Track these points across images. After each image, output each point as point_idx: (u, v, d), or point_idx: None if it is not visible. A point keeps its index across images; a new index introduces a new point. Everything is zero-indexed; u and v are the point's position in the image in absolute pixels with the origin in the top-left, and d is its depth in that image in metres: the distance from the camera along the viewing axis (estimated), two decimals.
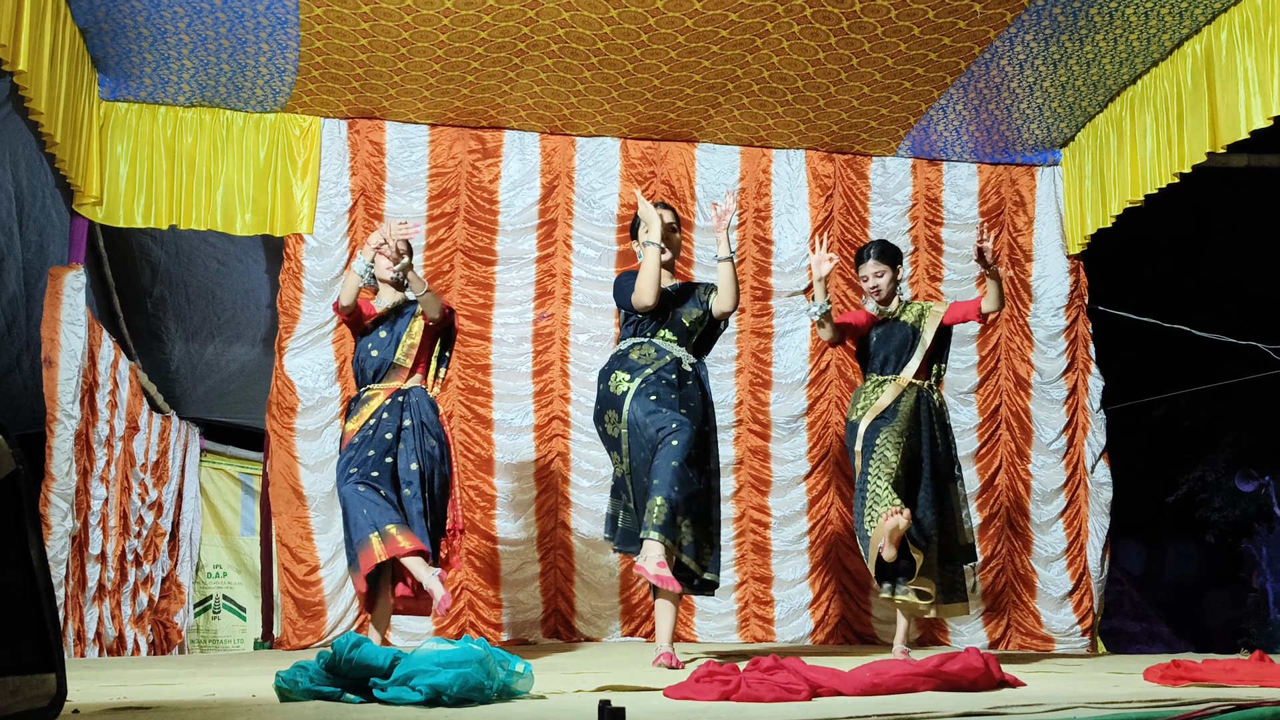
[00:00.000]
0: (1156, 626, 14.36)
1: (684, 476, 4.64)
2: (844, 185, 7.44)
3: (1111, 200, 6.90)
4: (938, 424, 5.34)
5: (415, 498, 5.00)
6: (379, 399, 5.15)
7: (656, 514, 4.59)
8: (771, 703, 3.21)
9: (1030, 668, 4.87)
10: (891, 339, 5.41)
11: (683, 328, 5.02)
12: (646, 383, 4.83)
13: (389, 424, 5.10)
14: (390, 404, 5.14)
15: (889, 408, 5.25)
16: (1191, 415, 12.60)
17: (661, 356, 4.92)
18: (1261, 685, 3.55)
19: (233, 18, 5.93)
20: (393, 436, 5.08)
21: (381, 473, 5.01)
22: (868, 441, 5.20)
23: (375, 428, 5.09)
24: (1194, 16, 5.88)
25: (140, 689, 3.88)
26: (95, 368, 6.40)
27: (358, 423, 5.13)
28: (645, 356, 4.92)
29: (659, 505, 4.59)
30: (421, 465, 5.06)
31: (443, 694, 3.09)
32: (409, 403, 5.15)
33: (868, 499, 5.07)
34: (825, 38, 6.12)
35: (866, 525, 5.05)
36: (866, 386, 5.42)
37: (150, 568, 7.70)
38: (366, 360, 5.23)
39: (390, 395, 5.16)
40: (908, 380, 5.31)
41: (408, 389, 5.19)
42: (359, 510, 4.91)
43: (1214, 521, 13.96)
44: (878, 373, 5.40)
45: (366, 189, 7.00)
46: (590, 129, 7.17)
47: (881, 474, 5.05)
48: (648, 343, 4.96)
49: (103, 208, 6.62)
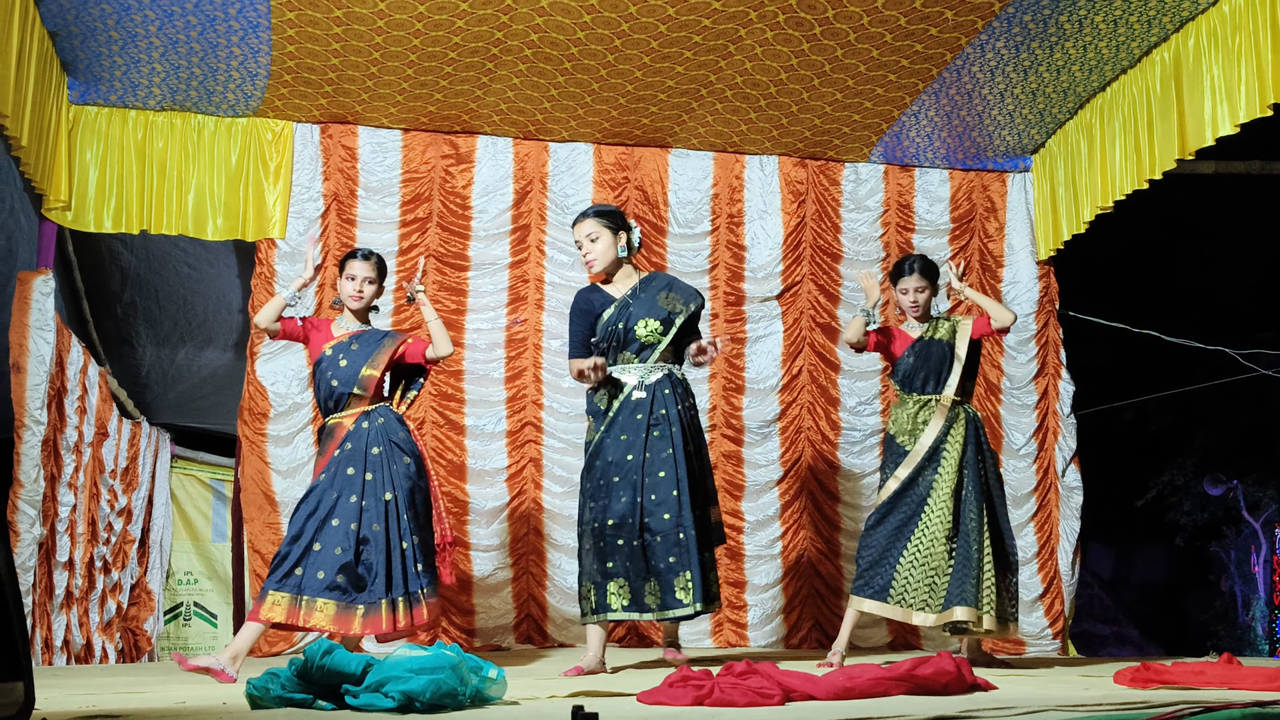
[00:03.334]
0: (1126, 629, 14.46)
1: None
2: (816, 191, 7.46)
3: (1082, 206, 6.95)
4: (985, 451, 5.44)
5: (377, 547, 4.81)
6: (344, 426, 4.98)
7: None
8: (745, 707, 3.22)
9: (1001, 671, 4.90)
10: (930, 357, 5.47)
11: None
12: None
13: (354, 456, 4.92)
14: (355, 431, 4.96)
15: (937, 447, 5.33)
16: (1160, 420, 12.70)
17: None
18: (1230, 688, 3.58)
19: (204, 21, 5.90)
20: (358, 469, 4.90)
21: (343, 521, 4.80)
22: (915, 495, 5.31)
23: (339, 462, 4.91)
24: (1163, 24, 5.94)
25: (109, 697, 3.85)
26: (64, 373, 6.35)
27: (324, 458, 4.96)
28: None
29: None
30: (396, 493, 4.89)
31: (415, 700, 3.09)
32: (375, 426, 4.98)
33: (907, 555, 5.24)
34: (798, 44, 6.15)
35: (888, 578, 5.23)
36: (908, 404, 5.47)
37: (119, 575, 7.63)
38: (326, 389, 5.03)
39: (355, 420, 4.99)
40: (950, 399, 5.39)
41: (372, 410, 5.02)
42: (296, 555, 4.77)
43: (1183, 525, 14.07)
44: (919, 392, 5.46)
45: (339, 194, 6.97)
46: (564, 134, 7.17)
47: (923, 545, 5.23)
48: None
49: (72, 212, 6.56)
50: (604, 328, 5.10)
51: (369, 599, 4.75)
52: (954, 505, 5.24)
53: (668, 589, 4.83)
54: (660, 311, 5.08)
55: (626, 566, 4.85)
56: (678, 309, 5.11)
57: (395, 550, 4.83)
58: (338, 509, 4.83)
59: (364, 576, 4.77)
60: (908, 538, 5.23)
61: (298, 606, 4.71)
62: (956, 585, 5.11)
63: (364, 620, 4.73)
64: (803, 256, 7.39)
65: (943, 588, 5.15)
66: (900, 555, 5.22)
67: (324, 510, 4.83)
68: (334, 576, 4.72)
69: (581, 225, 5.15)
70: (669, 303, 5.11)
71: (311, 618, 4.70)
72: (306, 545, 4.78)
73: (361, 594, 4.76)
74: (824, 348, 7.37)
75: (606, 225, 5.13)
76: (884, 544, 5.26)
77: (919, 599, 5.17)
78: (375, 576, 4.77)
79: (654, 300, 5.11)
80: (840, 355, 7.38)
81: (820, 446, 7.28)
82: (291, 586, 4.72)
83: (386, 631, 4.80)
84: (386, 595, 4.76)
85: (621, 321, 5.07)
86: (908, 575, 5.21)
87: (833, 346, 7.38)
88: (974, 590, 5.08)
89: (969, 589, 5.08)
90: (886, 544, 5.26)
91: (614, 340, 5.08)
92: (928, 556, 5.18)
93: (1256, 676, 3.61)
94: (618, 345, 5.09)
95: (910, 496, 5.30)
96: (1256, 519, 14.08)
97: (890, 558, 5.23)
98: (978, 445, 5.39)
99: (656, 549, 4.84)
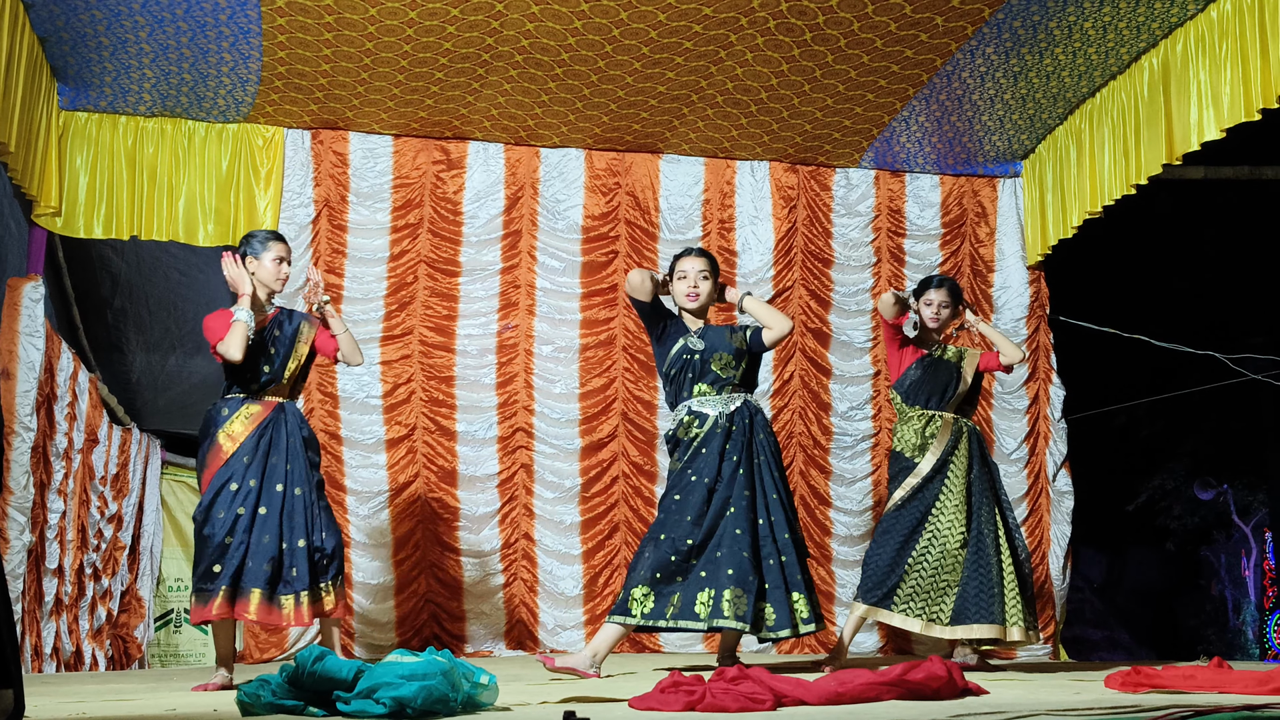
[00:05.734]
0: (1117, 634, 14.49)
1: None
2: (807, 197, 7.47)
3: (1071, 211, 6.97)
4: (990, 464, 5.53)
5: (284, 526, 4.82)
6: (261, 414, 4.93)
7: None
8: (736, 713, 3.22)
9: (993, 676, 4.90)
10: (939, 375, 5.56)
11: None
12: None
13: (266, 446, 4.88)
14: (272, 419, 4.92)
15: (945, 459, 5.40)
16: (1151, 425, 12.73)
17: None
18: (1220, 691, 3.59)
19: (195, 27, 5.89)
20: (279, 459, 4.88)
21: (247, 508, 4.79)
22: (922, 503, 5.37)
23: (255, 450, 4.87)
24: (1151, 31, 5.96)
25: (99, 704, 3.84)
26: (53, 380, 6.33)
27: (233, 443, 4.88)
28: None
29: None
30: (308, 487, 4.89)
31: (407, 707, 3.08)
32: (288, 418, 4.95)
33: (912, 568, 5.30)
34: (789, 50, 6.16)
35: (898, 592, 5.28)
36: (912, 419, 5.53)
37: (109, 581, 7.59)
38: (256, 369, 4.95)
39: (272, 409, 4.94)
40: (952, 415, 5.50)
41: (285, 403, 5.00)
42: (215, 551, 4.75)
43: (1174, 529, 14.11)
44: (922, 406, 5.54)
45: (330, 200, 6.97)
46: (555, 140, 7.17)
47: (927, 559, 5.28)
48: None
49: (62, 218, 6.55)
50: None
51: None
52: (964, 516, 5.29)
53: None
54: (729, 346, 5.13)
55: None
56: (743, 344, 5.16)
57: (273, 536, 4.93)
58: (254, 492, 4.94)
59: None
60: (915, 546, 5.28)
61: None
62: (975, 601, 5.16)
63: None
64: (794, 262, 7.40)
65: (953, 598, 5.21)
66: (909, 564, 5.27)
67: (240, 489, 4.94)
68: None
69: (696, 260, 5.19)
70: (736, 339, 5.16)
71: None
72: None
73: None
74: (815, 353, 7.37)
75: (714, 271, 5.23)
76: (893, 553, 5.29)
77: (929, 609, 5.21)
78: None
79: (723, 336, 5.17)
80: (831, 360, 7.39)
81: (812, 451, 7.28)
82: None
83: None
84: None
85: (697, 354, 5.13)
86: (915, 584, 5.24)
87: (824, 352, 7.38)
88: (999, 606, 5.14)
89: (994, 606, 5.13)
90: (896, 553, 5.29)
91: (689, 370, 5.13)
92: (938, 566, 5.23)
93: (1247, 680, 3.62)
94: (693, 376, 5.12)
95: (918, 506, 5.35)
96: (1247, 523, 14.13)
97: (899, 566, 5.28)
98: (983, 459, 5.48)
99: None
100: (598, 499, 7.05)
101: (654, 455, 7.07)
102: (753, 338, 5.13)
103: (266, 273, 5.03)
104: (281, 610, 4.75)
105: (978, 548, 5.23)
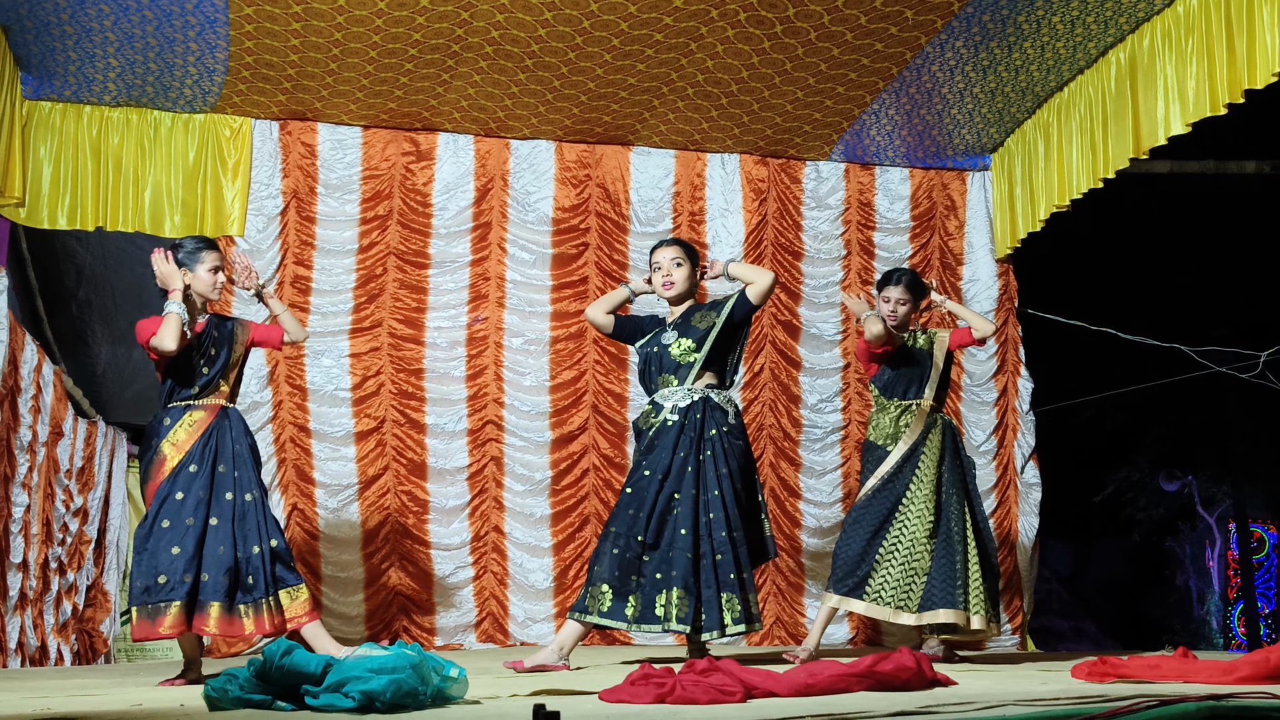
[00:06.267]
0: (1084, 624, 14.61)
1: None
2: (778, 189, 7.48)
3: (1039, 205, 7.00)
4: (963, 457, 5.57)
5: (240, 535, 4.72)
6: (205, 420, 4.81)
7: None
8: (707, 704, 3.22)
9: (961, 666, 4.93)
10: (912, 365, 5.60)
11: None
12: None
13: (211, 454, 4.78)
14: (216, 425, 4.82)
15: (915, 448, 5.44)
16: (1117, 417, 12.82)
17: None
18: (1185, 681, 3.62)
19: (160, 16, 5.83)
20: (226, 467, 4.78)
21: (197, 519, 4.67)
22: (892, 493, 5.41)
23: (202, 459, 4.75)
24: (1119, 25, 6.00)
25: (64, 699, 3.80)
26: (17, 372, 6.26)
27: (178, 451, 4.75)
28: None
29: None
30: (258, 491, 4.81)
31: (376, 700, 3.07)
32: (231, 423, 4.86)
33: (885, 557, 5.34)
34: (759, 42, 6.16)
35: (873, 584, 5.31)
36: (889, 409, 5.57)
37: (75, 576, 7.53)
38: (194, 373, 4.84)
39: (215, 415, 4.84)
40: (928, 406, 5.53)
41: (227, 408, 4.90)
42: (162, 561, 4.62)
43: (1139, 521, 14.23)
44: (899, 398, 5.57)
45: (299, 191, 6.92)
46: (525, 131, 7.15)
47: (900, 548, 5.32)
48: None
49: (25, 209, 6.47)
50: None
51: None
52: (934, 506, 5.33)
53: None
54: (695, 331, 5.10)
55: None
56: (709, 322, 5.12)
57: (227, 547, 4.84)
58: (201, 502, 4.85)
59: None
60: (885, 536, 5.32)
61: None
62: (941, 588, 5.21)
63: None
64: (764, 254, 7.40)
65: (921, 587, 5.25)
66: (879, 554, 5.31)
67: (187, 500, 4.85)
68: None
69: (667, 249, 5.18)
70: (703, 320, 5.12)
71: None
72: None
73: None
74: (785, 345, 7.39)
75: (689, 257, 5.22)
76: (863, 543, 5.33)
77: (898, 598, 5.25)
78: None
79: (688, 321, 5.14)
80: (801, 353, 7.40)
81: (782, 444, 7.30)
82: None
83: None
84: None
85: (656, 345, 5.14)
86: (886, 574, 5.28)
87: (794, 344, 7.40)
88: (962, 593, 5.19)
89: (956, 592, 5.18)
90: (866, 543, 5.33)
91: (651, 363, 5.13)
92: (908, 556, 5.28)
93: (1211, 670, 3.65)
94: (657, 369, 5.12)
95: (888, 496, 5.39)
96: (1211, 514, 14.27)
97: (869, 556, 5.31)
98: (955, 451, 5.53)
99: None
100: (568, 492, 7.04)
101: (624, 448, 7.06)
102: (737, 303, 5.11)
103: (203, 283, 4.89)
104: (242, 620, 4.67)
105: (945, 538, 5.28)
